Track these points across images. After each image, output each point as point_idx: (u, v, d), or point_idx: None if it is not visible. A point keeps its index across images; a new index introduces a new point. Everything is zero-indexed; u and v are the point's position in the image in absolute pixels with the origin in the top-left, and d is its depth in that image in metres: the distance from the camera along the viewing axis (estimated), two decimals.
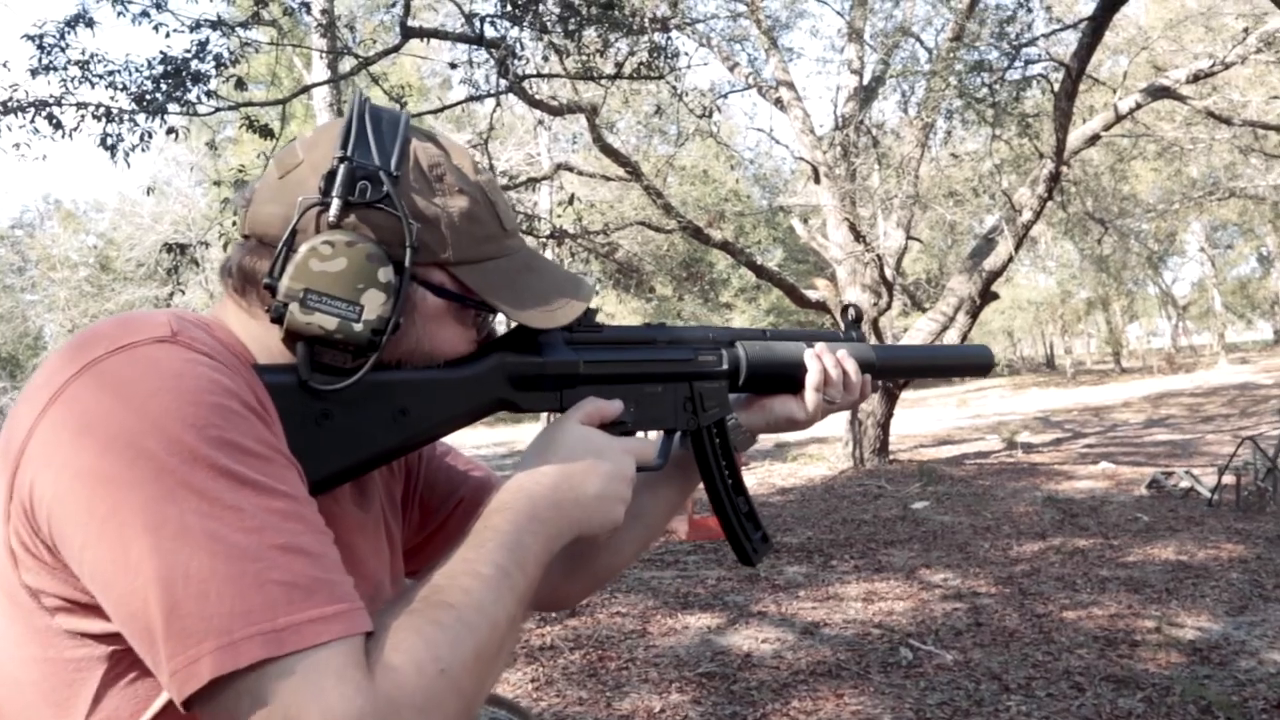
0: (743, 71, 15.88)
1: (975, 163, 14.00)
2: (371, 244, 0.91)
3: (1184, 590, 6.99)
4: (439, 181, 0.98)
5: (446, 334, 1.01)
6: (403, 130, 0.97)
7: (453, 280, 0.99)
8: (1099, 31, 9.74)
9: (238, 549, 0.74)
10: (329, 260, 0.89)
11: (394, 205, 0.92)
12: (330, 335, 0.90)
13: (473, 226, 0.99)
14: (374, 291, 0.90)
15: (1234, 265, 41.31)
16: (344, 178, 0.91)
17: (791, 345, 1.32)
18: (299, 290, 0.89)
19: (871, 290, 15.16)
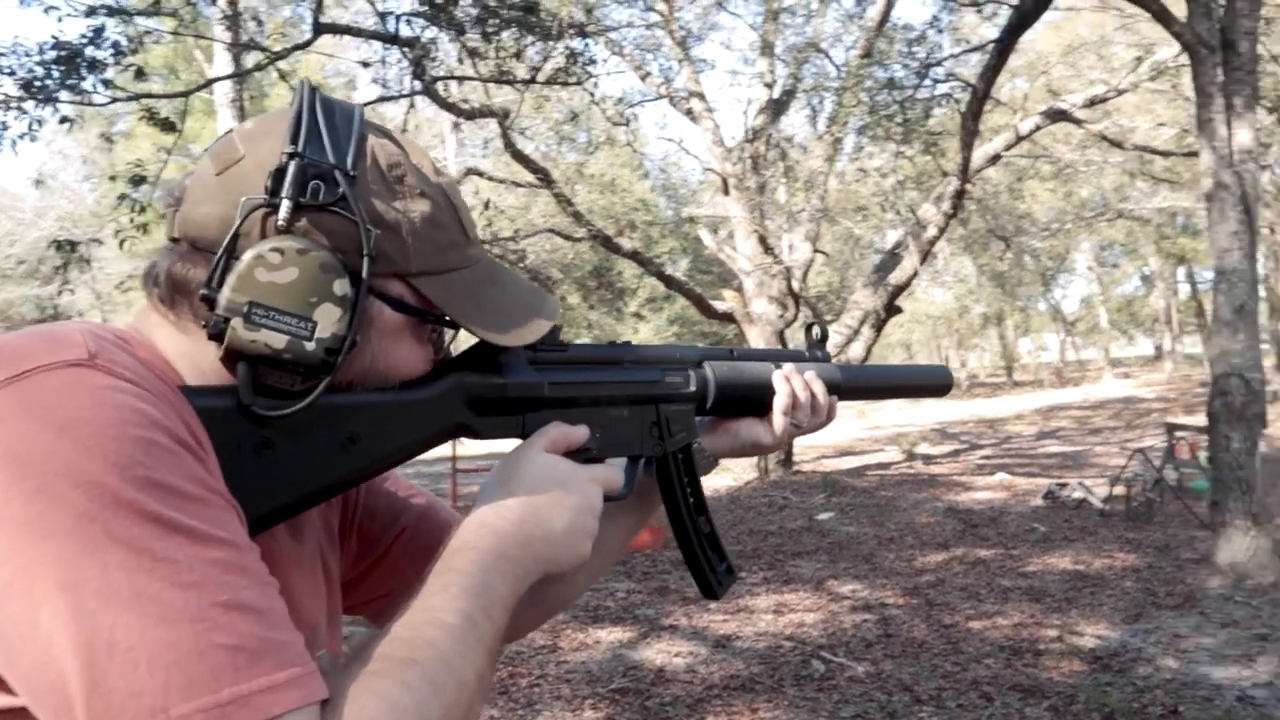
0: (654, 81, 15.91)
1: (880, 178, 14.27)
2: (326, 252, 0.80)
3: (1082, 599, 7.18)
4: (399, 183, 0.88)
5: (402, 352, 0.91)
6: (358, 125, 0.87)
7: (413, 293, 0.89)
8: (1004, 54, 10.01)
9: (172, 609, 0.63)
10: (278, 270, 0.78)
11: (350, 208, 0.82)
12: (278, 355, 0.80)
13: (435, 233, 0.89)
14: (328, 306, 0.80)
15: (1119, 284, 43.16)
16: (294, 176, 0.80)
17: (759, 366, 1.25)
18: (242, 303, 0.78)
19: (778, 302, 15.31)
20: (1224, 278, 7.79)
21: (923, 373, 1.54)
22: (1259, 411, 7.80)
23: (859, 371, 1.40)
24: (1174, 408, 23.94)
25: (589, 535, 0.95)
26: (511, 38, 7.56)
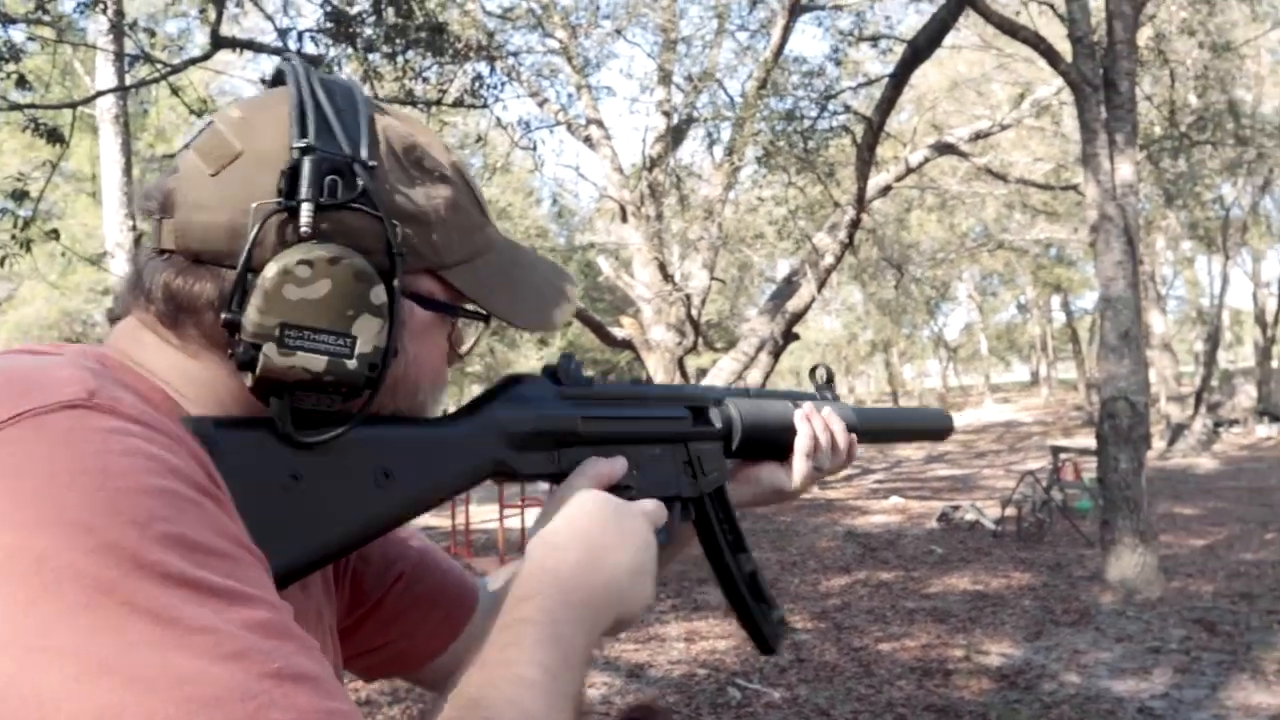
0: (552, 107, 15.88)
1: (773, 207, 14.53)
2: (359, 258, 0.72)
3: (985, 619, 7.34)
4: (417, 168, 0.79)
5: (430, 353, 0.83)
6: (364, 105, 0.77)
7: (443, 287, 0.81)
8: (899, 87, 10.31)
9: (218, 687, 0.52)
10: (309, 285, 0.69)
11: (374, 204, 0.73)
12: (320, 378, 0.71)
13: (459, 219, 0.81)
14: (367, 317, 0.72)
15: (998, 312, 44.92)
16: (311, 173, 0.70)
17: (779, 404, 1.19)
18: (273, 326, 0.69)
19: (676, 329, 15.38)
20: (1109, 305, 8.12)
21: (926, 416, 1.53)
22: (1144, 433, 8.14)
23: (870, 414, 1.35)
24: (1053, 430, 24.94)
25: (651, 575, 0.87)
26: (418, 57, 7.43)
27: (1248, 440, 21.59)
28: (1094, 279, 23.54)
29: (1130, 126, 8.32)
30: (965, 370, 53.19)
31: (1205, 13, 13.66)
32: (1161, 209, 20.29)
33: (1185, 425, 21.16)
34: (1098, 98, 8.24)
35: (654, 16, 15.89)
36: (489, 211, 0.87)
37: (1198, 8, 13.53)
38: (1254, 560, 9.10)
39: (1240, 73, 18.99)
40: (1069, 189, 17.52)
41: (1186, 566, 8.90)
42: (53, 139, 6.06)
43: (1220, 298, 25.20)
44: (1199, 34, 13.83)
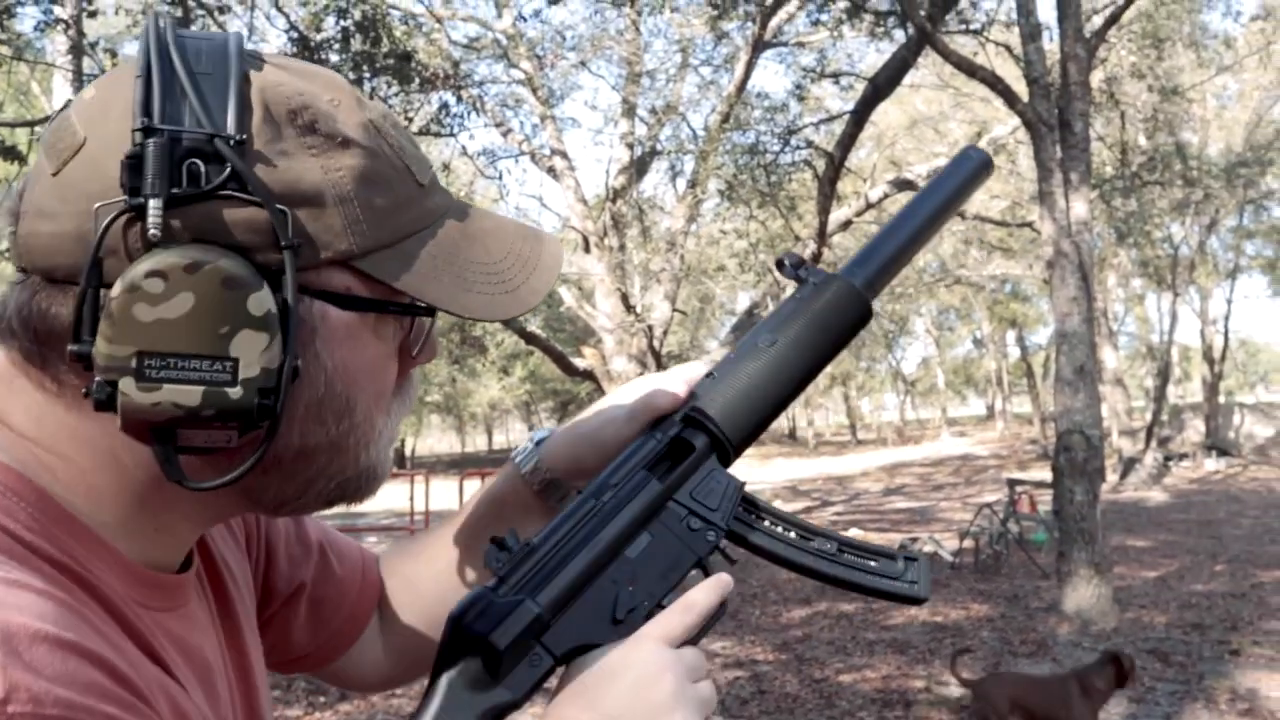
0: (516, 138, 15.95)
1: (735, 240, 14.67)
2: (228, 259, 0.58)
3: (944, 650, 7.37)
4: (309, 133, 0.63)
5: (365, 360, 0.68)
6: (236, 64, 0.62)
7: (363, 280, 0.66)
8: (860, 124, 10.49)
9: None
10: (165, 301, 0.57)
11: (247, 186, 0.59)
12: (197, 413, 0.58)
13: (375, 192, 0.66)
14: (247, 333, 0.59)
15: (954, 346, 45.55)
16: (157, 159, 0.57)
17: (759, 360, 0.91)
18: (126, 357, 0.57)
19: (638, 360, 15.41)
20: (1065, 340, 8.28)
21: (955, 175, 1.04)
22: (1099, 466, 8.28)
23: (875, 250, 0.99)
24: (1008, 464, 25.23)
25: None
26: (384, 85, 7.45)
27: (1196, 474, 21.99)
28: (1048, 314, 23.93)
29: (1085, 165, 8.53)
30: (922, 404, 53.76)
31: (1154, 57, 14.06)
32: (1113, 247, 20.76)
33: (1137, 459, 21.53)
34: (1053, 137, 8.44)
35: (618, 49, 16.03)
36: (429, 176, 0.71)
37: (1147, 52, 13.93)
38: (1205, 591, 9.25)
39: (1187, 116, 19.55)
40: (1024, 226, 17.87)
41: (1140, 598, 9.03)
42: (10, 156, 5.98)
43: (1170, 334, 25.75)
44: (1148, 78, 14.23)
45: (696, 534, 0.85)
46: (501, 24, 14.36)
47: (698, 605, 0.77)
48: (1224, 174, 18.07)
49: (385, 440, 0.72)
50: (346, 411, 0.67)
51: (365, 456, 0.70)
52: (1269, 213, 24.89)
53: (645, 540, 0.83)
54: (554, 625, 0.76)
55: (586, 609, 0.78)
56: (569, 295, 17.15)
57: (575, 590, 0.77)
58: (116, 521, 0.64)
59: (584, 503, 0.82)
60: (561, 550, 0.78)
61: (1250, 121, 21.78)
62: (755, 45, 12.45)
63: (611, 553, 0.80)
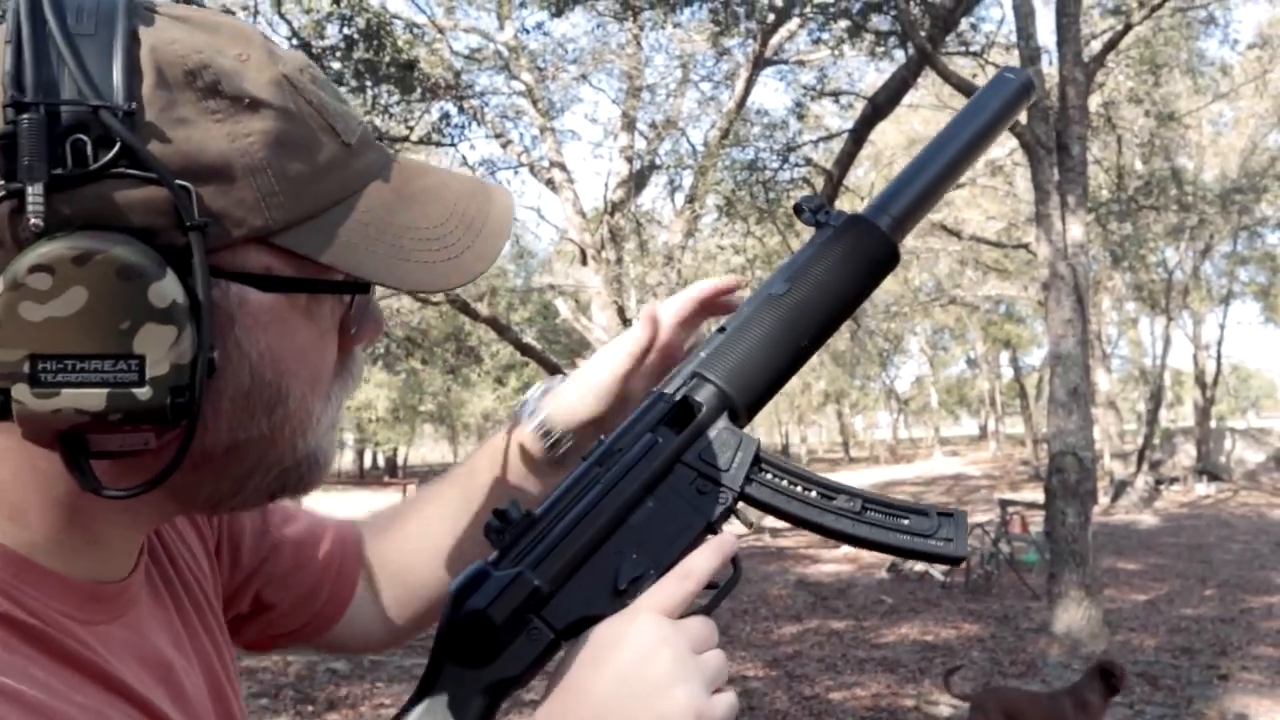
0: (515, 149, 15.99)
1: (732, 255, 14.72)
2: (123, 247, 0.52)
3: (934, 669, 7.37)
4: (212, 95, 0.56)
5: (294, 344, 0.61)
6: (122, 20, 0.55)
7: (284, 256, 0.59)
8: (859, 143, 10.54)
9: None
10: (55, 298, 0.51)
11: (141, 162, 0.53)
12: (103, 417, 0.53)
13: (291, 158, 0.58)
14: (151, 326, 0.53)
15: (948, 365, 45.63)
16: (32, 138, 0.50)
17: (767, 313, 0.83)
18: (18, 361, 0.51)
19: None
20: (1059, 361, 8.30)
21: (987, 102, 0.95)
22: (1091, 488, 8.30)
23: (896, 196, 0.90)
24: (1000, 484, 25.24)
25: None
26: (386, 94, 7.48)
27: (1187, 498, 22.03)
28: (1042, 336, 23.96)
29: (1081, 188, 8.58)
30: (915, 422, 53.80)
31: (1152, 83, 14.17)
32: (1108, 270, 20.85)
33: (1128, 482, 21.56)
34: (1051, 160, 8.49)
35: (619, 63, 16.10)
36: (351, 133, 0.63)
37: (1144, 78, 14.04)
38: (1194, 615, 9.26)
39: (1184, 142, 19.67)
40: (1020, 247, 17.96)
41: (1130, 620, 9.04)
42: None
43: (1163, 358, 25.84)
44: (1146, 103, 14.33)
45: (706, 496, 0.80)
46: (503, 36, 14.41)
47: (696, 571, 0.72)
48: (1219, 200, 18.17)
49: (325, 426, 0.66)
50: (278, 401, 0.61)
51: (303, 445, 0.64)
52: (1263, 239, 25.03)
53: (651, 506, 0.78)
54: (555, 598, 0.73)
55: (589, 580, 0.74)
56: (565, 307, 17.17)
57: (577, 561, 0.74)
58: (46, 539, 0.59)
59: (588, 470, 0.78)
60: (563, 520, 0.75)
61: (1245, 148, 21.92)
62: (756, 62, 12.51)
63: (615, 521, 0.76)
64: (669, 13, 10.46)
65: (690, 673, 0.67)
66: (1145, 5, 9.82)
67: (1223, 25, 16.30)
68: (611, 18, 13.57)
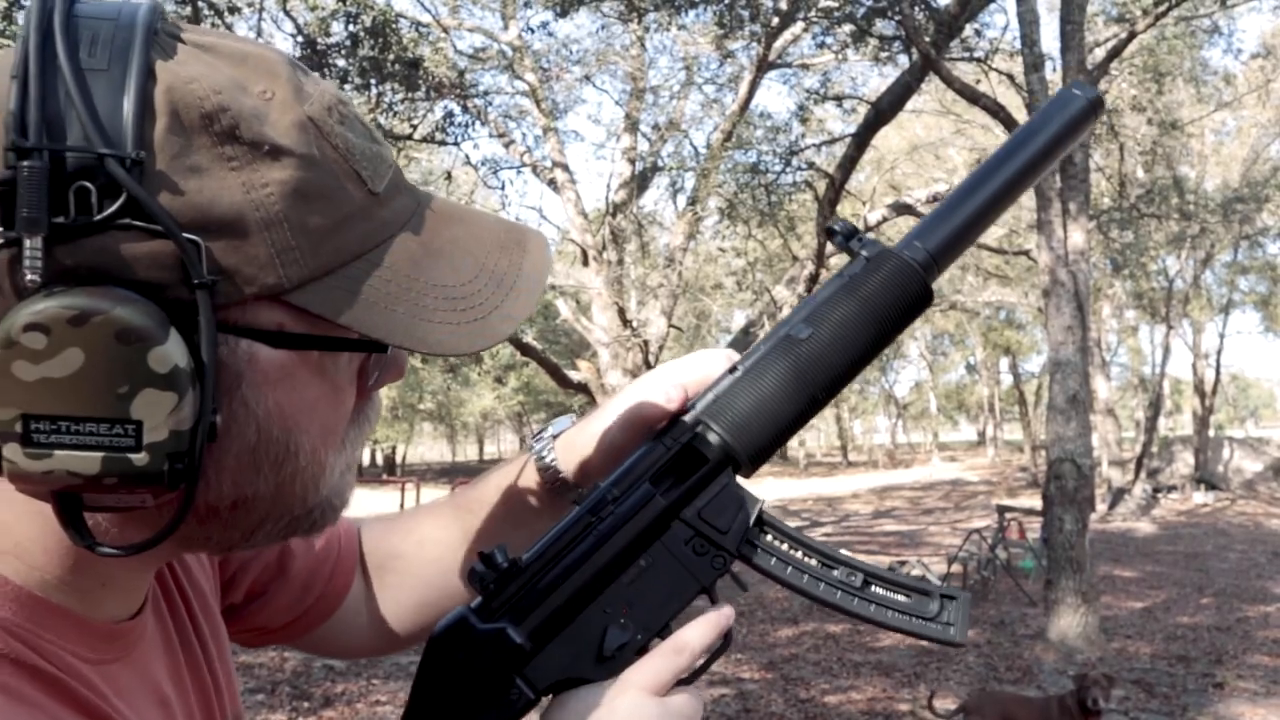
0: (518, 149, 16.01)
1: (733, 258, 14.74)
2: (125, 306, 0.49)
3: (930, 674, 7.38)
4: (229, 141, 0.52)
5: (304, 400, 0.58)
6: (139, 54, 0.51)
7: (297, 314, 0.56)
8: (861, 147, 10.56)
9: None
10: (50, 358, 0.48)
11: (148, 214, 0.49)
12: (97, 480, 0.51)
13: (312, 209, 0.55)
14: (150, 393, 0.50)
15: (947, 371, 45.70)
16: (32, 186, 0.47)
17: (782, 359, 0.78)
18: (10, 420, 0.49)
19: (632, 375, 15.43)
20: (1059, 368, 8.32)
21: (1048, 121, 0.85)
22: (1089, 495, 8.32)
23: (936, 227, 0.82)
24: (998, 490, 25.26)
25: None
26: (391, 91, 7.49)
27: (1185, 506, 22.04)
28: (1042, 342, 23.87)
29: (1083, 196, 8.60)
30: (914, 427, 53.84)
31: (1155, 91, 14.18)
32: (1108, 277, 20.87)
33: (1126, 489, 21.57)
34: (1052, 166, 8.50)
35: (623, 65, 16.12)
36: (386, 179, 0.60)
37: (1147, 86, 14.05)
38: (1190, 624, 9.27)
39: (1186, 151, 19.70)
40: (1021, 254, 17.97)
41: (1126, 628, 9.05)
42: None
43: (1162, 367, 25.85)
44: (1149, 111, 14.35)
45: (703, 558, 0.75)
46: (507, 35, 14.43)
47: (689, 646, 0.69)
48: (1220, 209, 18.19)
49: (340, 472, 0.63)
50: (287, 457, 0.58)
51: (314, 496, 0.61)
52: (1264, 249, 25.05)
53: (643, 564, 0.74)
54: (537, 656, 0.70)
55: (573, 641, 0.71)
56: (565, 308, 17.18)
57: (561, 619, 0.71)
58: (56, 579, 0.58)
59: (580, 518, 0.74)
60: (550, 572, 0.71)
61: (1248, 158, 21.95)
62: (760, 65, 12.53)
63: (605, 578, 0.72)
64: (674, 15, 10.48)
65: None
66: (1149, 13, 9.84)
67: (1226, 34, 16.34)
68: (616, 19, 13.59)
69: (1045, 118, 0.84)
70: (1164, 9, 9.92)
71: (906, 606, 0.79)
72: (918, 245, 0.80)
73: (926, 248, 0.80)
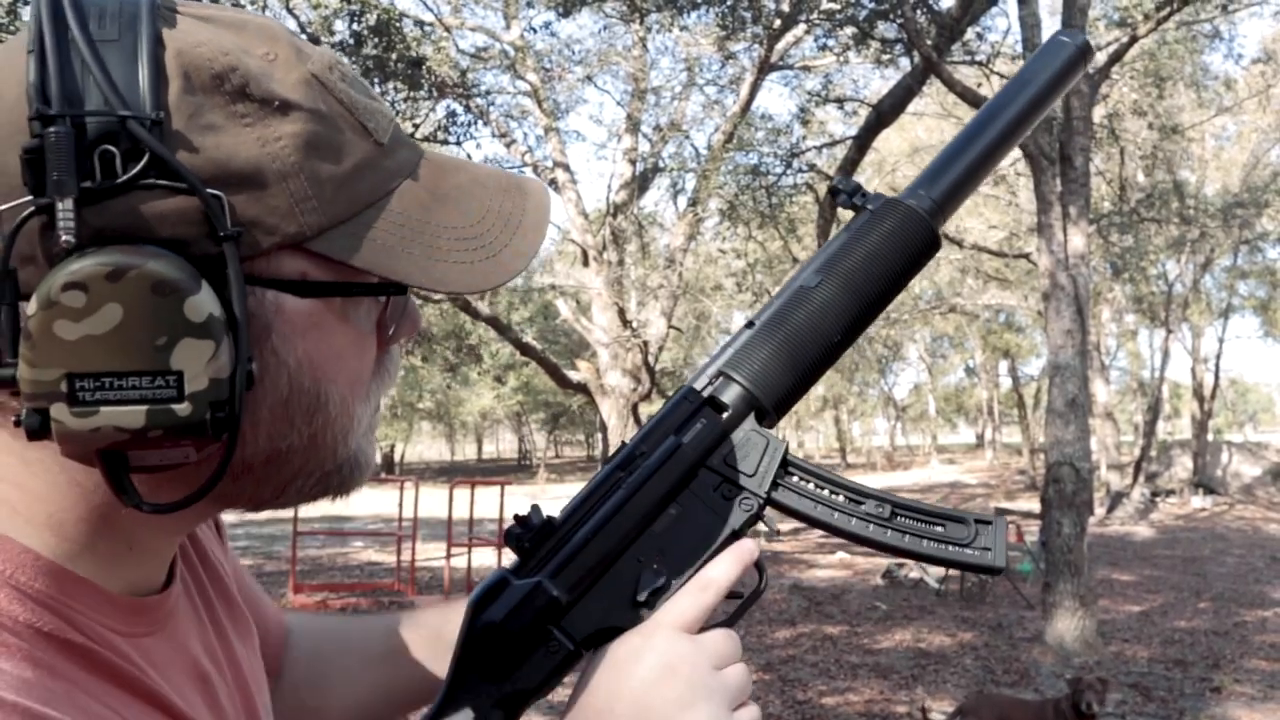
0: (519, 149, 16.01)
1: (733, 259, 14.75)
2: (157, 260, 0.51)
3: (927, 676, 7.39)
4: (241, 99, 0.55)
5: (332, 348, 0.61)
6: (146, 23, 0.53)
7: (319, 261, 0.58)
8: (862, 149, 10.57)
9: None
10: (90, 316, 0.50)
11: (171, 171, 0.51)
12: (143, 434, 0.52)
13: (323, 160, 0.57)
14: (189, 341, 0.51)
15: (946, 374, 45.72)
16: (60, 152, 0.49)
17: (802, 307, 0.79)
18: (55, 380, 0.50)
19: (631, 375, 15.45)
20: (1058, 372, 8.33)
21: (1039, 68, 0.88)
22: (1087, 499, 8.33)
23: (939, 176, 0.84)
24: (996, 493, 25.27)
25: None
26: (395, 90, 7.50)
27: (1183, 510, 22.06)
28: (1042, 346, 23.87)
29: (1084, 200, 8.60)
30: (913, 430, 53.86)
31: (1156, 95, 14.20)
32: (1108, 281, 20.88)
33: (1124, 493, 21.58)
34: (1053, 170, 8.51)
35: (625, 65, 16.13)
36: (389, 131, 0.62)
37: (1148, 91, 14.07)
38: (1187, 628, 9.28)
39: (1186, 155, 19.72)
40: (1021, 257, 17.98)
41: (1123, 631, 9.06)
42: None
43: (1161, 371, 25.87)
44: (1149, 115, 14.36)
45: (730, 502, 0.76)
46: (509, 35, 14.44)
47: (716, 581, 0.70)
48: (1220, 214, 18.21)
49: (365, 427, 0.65)
50: (318, 407, 0.60)
51: (344, 449, 0.63)
52: (1263, 254, 25.07)
53: (673, 513, 0.75)
54: (574, 609, 0.71)
55: (608, 591, 0.72)
56: (565, 308, 17.19)
57: (597, 571, 0.72)
58: (85, 549, 0.58)
59: (610, 474, 0.75)
60: (583, 527, 0.73)
61: (1248, 163, 21.97)
62: (761, 67, 12.55)
63: (636, 528, 0.73)
64: (676, 16, 10.49)
65: (710, 690, 0.66)
66: (1151, 18, 9.85)
67: (1227, 40, 16.33)
68: (618, 19, 13.60)
69: (1037, 66, 0.87)
70: (1165, 13, 9.93)
71: (941, 535, 0.79)
72: (922, 194, 0.82)
73: (931, 195, 0.82)
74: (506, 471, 39.31)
